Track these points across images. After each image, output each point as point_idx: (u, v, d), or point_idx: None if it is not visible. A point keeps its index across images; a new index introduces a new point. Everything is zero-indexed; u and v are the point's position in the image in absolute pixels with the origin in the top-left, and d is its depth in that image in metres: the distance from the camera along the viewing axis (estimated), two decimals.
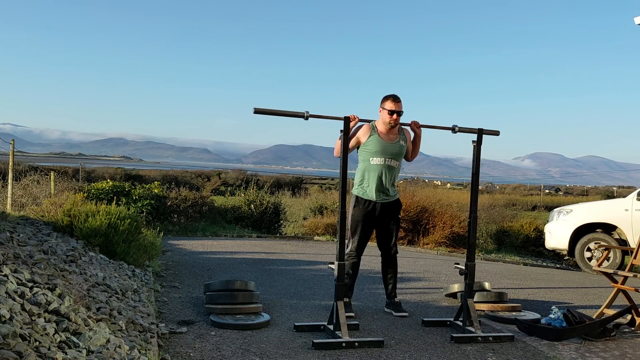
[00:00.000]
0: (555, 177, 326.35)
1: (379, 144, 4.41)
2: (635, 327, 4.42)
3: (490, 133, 4.33)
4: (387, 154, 4.43)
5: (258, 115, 3.88)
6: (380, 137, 4.43)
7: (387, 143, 4.43)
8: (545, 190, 50.86)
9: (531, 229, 11.83)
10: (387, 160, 4.44)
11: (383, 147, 4.42)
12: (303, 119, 3.91)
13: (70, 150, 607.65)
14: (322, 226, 11.66)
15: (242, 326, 3.83)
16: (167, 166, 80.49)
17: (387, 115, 4.38)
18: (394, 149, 4.45)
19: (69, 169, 27.54)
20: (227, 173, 43.87)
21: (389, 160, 4.45)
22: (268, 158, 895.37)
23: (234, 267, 6.61)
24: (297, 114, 3.88)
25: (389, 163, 4.45)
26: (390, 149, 4.43)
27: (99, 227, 5.37)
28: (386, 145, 4.42)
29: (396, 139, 4.47)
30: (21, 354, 2.11)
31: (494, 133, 4.37)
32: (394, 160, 4.47)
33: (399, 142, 4.48)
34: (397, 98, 4.39)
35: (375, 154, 4.43)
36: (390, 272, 4.63)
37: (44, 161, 45.60)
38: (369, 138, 4.43)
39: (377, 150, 4.42)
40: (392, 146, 4.44)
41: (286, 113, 3.90)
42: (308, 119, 3.91)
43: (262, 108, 3.85)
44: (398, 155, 4.49)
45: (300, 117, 3.90)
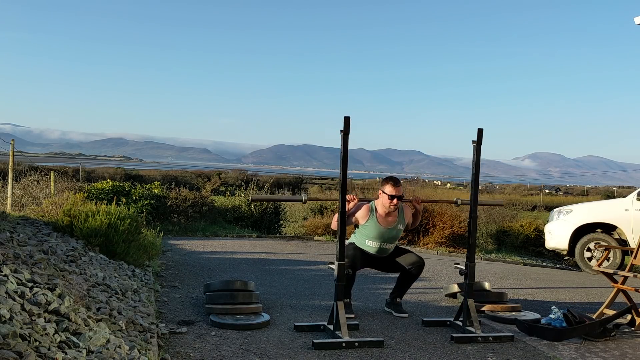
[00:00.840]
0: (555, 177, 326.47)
1: (376, 230, 4.46)
2: (635, 327, 4.42)
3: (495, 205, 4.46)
4: (384, 238, 4.50)
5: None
6: (378, 222, 4.45)
7: (384, 229, 4.47)
8: (545, 190, 50.86)
9: (531, 229, 11.83)
10: (382, 244, 4.52)
11: (379, 233, 4.47)
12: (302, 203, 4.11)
13: (70, 150, 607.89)
14: (322, 226, 11.66)
15: (242, 326, 3.83)
16: (167, 166, 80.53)
17: (387, 200, 4.41)
18: (390, 234, 4.50)
19: (69, 169, 27.53)
20: (227, 173, 43.86)
21: (384, 244, 4.53)
22: (268, 158, 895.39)
23: (234, 267, 6.61)
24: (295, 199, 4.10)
25: (384, 246, 4.53)
26: (387, 234, 4.49)
27: (99, 227, 5.37)
28: (383, 232, 4.47)
29: (394, 223, 4.50)
30: (21, 354, 2.11)
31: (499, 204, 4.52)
32: (389, 243, 4.55)
33: (397, 227, 4.52)
34: (397, 182, 4.43)
35: (372, 238, 4.49)
36: (411, 282, 4.67)
37: (44, 161, 45.60)
38: (367, 221, 4.47)
39: (373, 235, 4.48)
40: (389, 232, 4.49)
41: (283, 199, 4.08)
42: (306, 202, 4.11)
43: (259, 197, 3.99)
44: (394, 239, 4.57)
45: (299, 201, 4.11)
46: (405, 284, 4.64)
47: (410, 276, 4.60)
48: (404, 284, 4.64)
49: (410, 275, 4.60)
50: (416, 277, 4.63)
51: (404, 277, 4.63)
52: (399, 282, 4.67)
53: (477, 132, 4.24)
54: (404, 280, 4.64)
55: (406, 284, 4.65)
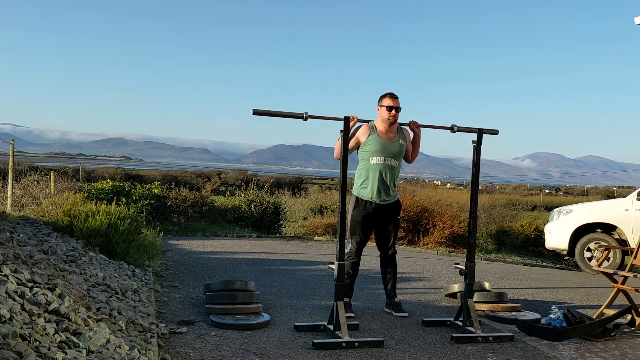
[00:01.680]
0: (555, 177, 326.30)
1: (379, 143, 4.41)
2: (635, 327, 4.42)
3: (490, 132, 4.33)
4: (387, 153, 4.43)
5: (258, 115, 3.88)
6: (379, 136, 4.43)
7: (387, 142, 4.43)
8: (545, 190, 50.85)
9: (531, 229, 11.83)
10: (387, 159, 4.43)
11: (383, 146, 4.41)
12: (302, 120, 3.91)
13: (70, 150, 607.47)
14: (322, 226, 11.66)
15: (242, 326, 3.83)
16: (167, 166, 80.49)
17: (386, 111, 4.38)
18: (393, 147, 4.44)
19: (69, 169, 27.53)
20: (227, 173, 43.87)
21: (389, 160, 4.44)
22: (268, 158, 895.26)
23: (234, 267, 6.61)
24: (296, 114, 3.88)
25: (389, 162, 4.45)
26: (389, 147, 4.43)
27: (99, 227, 5.37)
28: (386, 144, 4.42)
29: (395, 138, 4.47)
30: (21, 354, 2.11)
31: (493, 132, 4.36)
32: (393, 159, 4.47)
33: (399, 141, 4.48)
34: (395, 95, 4.41)
35: (375, 153, 4.42)
36: (390, 272, 4.63)
37: (44, 161, 45.60)
38: (368, 137, 4.43)
39: (376, 149, 4.41)
40: (392, 145, 4.44)
41: (285, 114, 3.90)
42: (307, 119, 3.90)
43: (261, 109, 3.85)
44: (398, 155, 4.49)
45: (299, 118, 3.89)
46: (389, 274, 4.61)
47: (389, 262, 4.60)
48: (387, 274, 4.61)
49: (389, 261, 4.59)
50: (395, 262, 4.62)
51: (385, 267, 4.63)
52: (383, 275, 4.66)
53: (477, 132, 4.24)
54: (385, 270, 4.62)
55: (390, 273, 4.61)
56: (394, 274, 4.65)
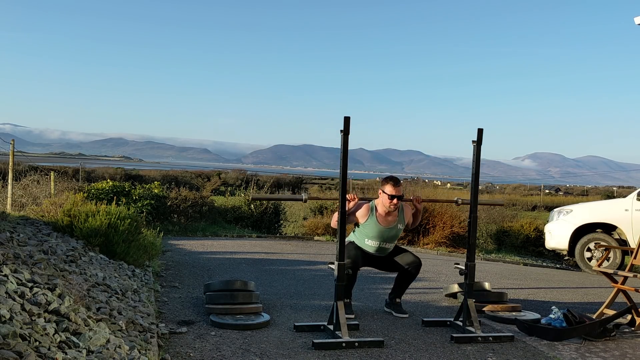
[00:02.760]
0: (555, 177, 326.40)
1: (376, 229, 4.46)
2: (635, 327, 4.42)
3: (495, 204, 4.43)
4: (383, 238, 4.50)
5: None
6: (378, 222, 4.45)
7: (384, 228, 4.47)
8: (545, 190, 50.85)
9: (531, 229, 11.82)
10: (382, 243, 4.52)
11: (379, 233, 4.47)
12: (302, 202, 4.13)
13: (70, 150, 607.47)
14: (322, 226, 11.66)
15: (242, 326, 3.83)
16: (167, 166, 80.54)
17: (387, 199, 4.41)
18: (390, 233, 4.50)
19: (69, 169, 27.53)
20: (227, 173, 43.85)
21: (384, 243, 4.53)
22: (268, 158, 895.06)
23: (234, 267, 6.61)
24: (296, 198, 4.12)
25: (383, 245, 4.53)
26: (386, 234, 4.49)
27: (99, 227, 5.37)
28: (383, 231, 4.47)
29: (394, 223, 4.50)
30: (21, 354, 2.11)
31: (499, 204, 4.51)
32: (389, 243, 4.55)
33: (397, 226, 4.52)
34: (397, 182, 4.43)
35: (372, 237, 4.49)
36: (409, 282, 4.66)
37: (44, 161, 45.59)
38: (367, 221, 4.47)
39: (373, 235, 4.48)
40: (389, 231, 4.49)
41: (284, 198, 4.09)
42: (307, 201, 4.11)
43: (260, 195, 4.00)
44: (394, 238, 4.57)
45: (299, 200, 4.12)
46: (403, 284, 4.64)
47: (408, 276, 4.60)
48: (402, 284, 4.64)
49: (408, 275, 4.60)
50: (414, 276, 4.63)
51: (402, 277, 4.63)
52: (397, 282, 4.67)
53: (477, 132, 4.24)
54: (402, 280, 4.64)
55: (404, 284, 4.64)
56: (410, 282, 4.68)
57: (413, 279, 4.66)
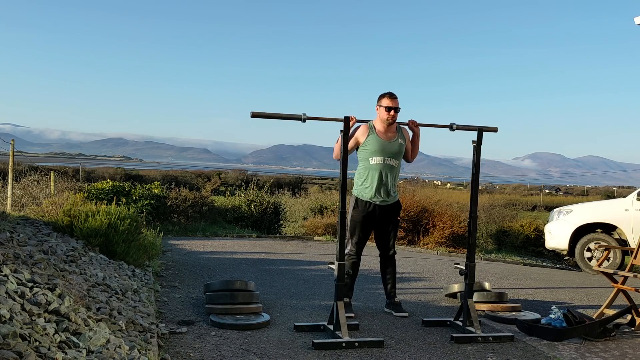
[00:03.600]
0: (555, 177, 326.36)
1: (378, 143, 4.41)
2: (635, 327, 4.42)
3: (489, 130, 4.33)
4: (386, 153, 4.42)
5: (256, 118, 3.88)
6: (378, 136, 4.43)
7: (386, 142, 4.43)
8: (545, 190, 50.85)
9: (531, 229, 11.83)
10: (386, 159, 4.43)
11: (382, 146, 4.41)
12: (301, 121, 3.91)
13: (70, 150, 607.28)
14: (322, 226, 11.66)
15: (242, 326, 3.83)
16: (167, 166, 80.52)
17: (385, 112, 4.38)
18: (392, 147, 4.44)
19: (69, 169, 27.54)
20: (227, 173, 43.86)
21: (389, 160, 4.44)
22: (268, 158, 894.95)
23: (234, 267, 6.61)
24: (295, 116, 3.88)
25: (388, 162, 4.44)
26: (389, 147, 4.43)
27: (99, 227, 5.37)
28: (385, 144, 4.42)
29: (395, 138, 4.47)
30: (21, 354, 2.11)
31: (492, 130, 4.36)
32: (393, 159, 4.46)
33: (398, 141, 4.47)
34: (394, 95, 4.40)
35: (375, 153, 4.42)
36: (389, 272, 4.63)
37: (44, 161, 45.60)
38: (368, 138, 4.43)
39: (376, 149, 4.41)
40: (391, 145, 4.44)
41: (284, 116, 3.90)
42: (306, 121, 3.91)
43: (259, 112, 3.86)
44: (397, 155, 4.49)
45: (298, 120, 3.89)
46: (389, 274, 4.61)
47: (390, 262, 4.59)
48: (387, 274, 4.62)
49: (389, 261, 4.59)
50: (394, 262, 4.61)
51: (384, 266, 4.63)
52: (383, 275, 4.66)
53: (477, 132, 4.24)
54: (385, 270, 4.62)
55: (389, 274, 4.61)
56: (394, 274, 4.65)
57: (394, 266, 4.63)
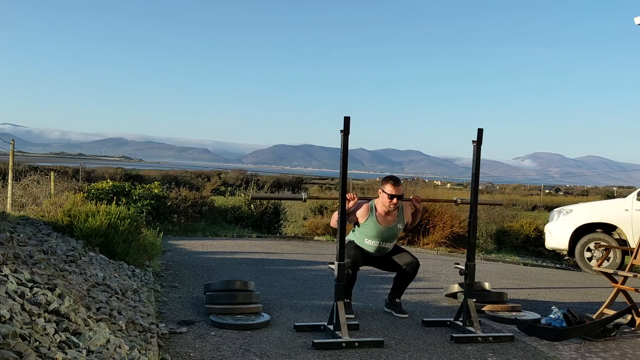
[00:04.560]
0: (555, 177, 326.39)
1: (376, 229, 4.46)
2: (635, 327, 4.42)
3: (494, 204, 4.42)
4: (382, 238, 4.50)
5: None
6: (377, 222, 4.46)
7: (384, 228, 4.47)
8: (545, 190, 50.85)
9: (531, 229, 11.83)
10: (381, 243, 4.52)
11: (379, 232, 4.47)
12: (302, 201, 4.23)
13: (70, 150, 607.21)
14: (322, 226, 11.65)
15: (242, 326, 3.83)
16: (167, 166, 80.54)
17: (387, 199, 4.41)
18: (389, 232, 4.50)
19: (69, 169, 27.53)
20: (227, 173, 43.85)
21: (384, 243, 4.53)
22: (268, 158, 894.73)
23: (234, 267, 6.61)
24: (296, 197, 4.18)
25: (382, 245, 4.53)
26: (386, 233, 4.49)
27: (99, 227, 5.37)
28: (382, 230, 4.47)
29: (394, 222, 4.50)
30: (21, 354, 2.11)
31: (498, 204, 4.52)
32: (388, 242, 4.55)
33: (396, 226, 4.52)
34: (397, 182, 4.43)
35: (371, 237, 4.49)
36: (406, 282, 4.66)
37: (44, 161, 45.58)
38: (367, 220, 4.47)
39: (373, 235, 4.48)
40: (389, 230, 4.49)
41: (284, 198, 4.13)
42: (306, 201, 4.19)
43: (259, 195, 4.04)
44: (393, 238, 4.57)
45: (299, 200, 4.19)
46: (402, 284, 4.64)
47: (406, 276, 4.60)
48: (401, 284, 4.64)
49: (406, 276, 4.60)
50: (412, 277, 4.63)
51: (400, 277, 4.63)
52: (396, 282, 4.67)
53: (477, 132, 4.24)
54: (400, 281, 4.64)
55: (402, 284, 4.64)
56: (408, 283, 4.68)
57: (411, 280, 4.65)
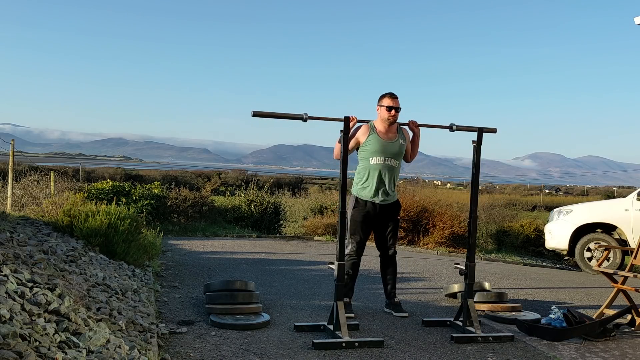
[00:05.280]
0: (555, 177, 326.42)
1: (378, 143, 4.42)
2: (635, 327, 4.42)
3: (488, 131, 4.33)
4: (387, 153, 4.43)
5: (258, 117, 3.89)
6: (379, 136, 4.43)
7: (386, 142, 4.43)
8: (545, 190, 50.85)
9: (531, 229, 11.83)
10: (386, 159, 4.44)
11: (382, 147, 4.42)
12: (302, 121, 3.92)
13: (70, 150, 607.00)
14: (322, 226, 11.66)
15: (242, 326, 3.83)
16: (167, 166, 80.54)
17: (385, 111, 4.39)
18: (393, 148, 4.45)
19: (69, 169, 27.54)
20: (227, 173, 43.86)
21: (389, 160, 4.45)
22: (268, 158, 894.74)
23: (234, 267, 6.61)
24: (296, 116, 3.88)
25: (388, 162, 4.45)
26: (389, 148, 4.43)
27: (99, 227, 5.37)
28: (385, 144, 4.43)
29: (395, 138, 4.48)
30: (21, 354, 2.11)
31: (491, 130, 4.37)
32: (393, 159, 4.47)
33: (398, 141, 4.48)
34: (394, 95, 4.42)
35: (375, 153, 4.43)
36: (390, 273, 4.63)
37: (44, 161, 45.59)
38: (368, 138, 4.44)
39: (376, 149, 4.42)
40: (392, 145, 4.44)
41: (285, 115, 3.91)
42: (307, 120, 3.92)
43: (261, 111, 3.86)
44: (397, 155, 4.49)
45: (299, 119, 3.90)
46: (389, 274, 4.61)
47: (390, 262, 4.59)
48: (388, 274, 4.61)
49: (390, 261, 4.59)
50: (394, 262, 4.61)
51: (384, 268, 4.63)
52: (383, 275, 4.66)
53: (477, 132, 4.24)
54: (385, 270, 4.62)
55: (390, 274, 4.61)
56: (394, 274, 4.65)
57: (395, 266, 4.63)
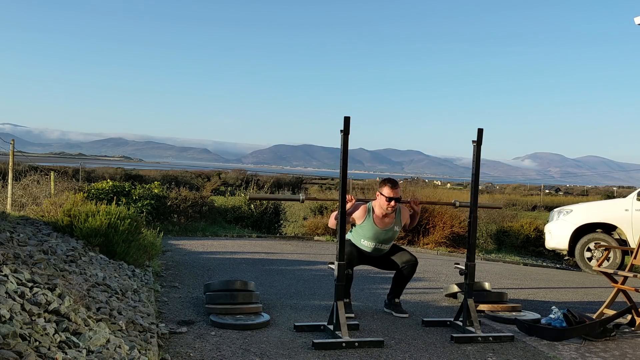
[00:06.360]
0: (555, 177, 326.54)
1: (372, 231, 4.47)
2: (635, 327, 4.42)
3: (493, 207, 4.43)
4: (378, 240, 4.50)
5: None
6: (374, 224, 4.46)
7: (381, 230, 4.48)
8: (545, 190, 50.85)
9: (531, 229, 11.83)
10: (377, 244, 4.53)
11: (375, 234, 4.48)
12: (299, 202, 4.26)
13: (70, 150, 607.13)
14: (322, 226, 11.65)
15: (242, 326, 3.83)
16: (167, 166, 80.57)
17: (385, 202, 4.41)
18: (386, 235, 4.51)
19: (69, 169, 27.53)
20: (227, 173, 43.85)
21: (379, 245, 4.54)
22: (268, 158, 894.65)
23: (234, 267, 6.61)
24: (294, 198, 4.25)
25: (379, 247, 4.54)
26: (382, 235, 4.50)
27: (99, 227, 5.37)
28: (379, 233, 4.48)
29: (391, 224, 4.51)
30: (21, 354, 2.11)
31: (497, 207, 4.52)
32: (384, 244, 4.56)
33: (393, 228, 4.53)
34: (395, 184, 4.44)
35: (367, 238, 4.50)
36: (405, 281, 4.66)
37: (44, 161, 45.58)
38: (364, 222, 4.48)
39: (369, 236, 4.49)
40: (385, 233, 4.50)
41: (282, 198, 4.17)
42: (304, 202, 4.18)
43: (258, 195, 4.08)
44: (390, 240, 4.58)
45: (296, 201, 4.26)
46: (400, 284, 4.64)
47: (404, 275, 4.60)
48: (399, 283, 4.64)
49: (404, 274, 4.59)
50: (410, 276, 4.63)
51: (398, 277, 4.63)
52: (394, 282, 4.67)
53: (477, 132, 4.24)
54: (399, 280, 4.63)
55: (401, 284, 4.64)
56: (407, 282, 4.68)
57: (409, 278, 4.65)
